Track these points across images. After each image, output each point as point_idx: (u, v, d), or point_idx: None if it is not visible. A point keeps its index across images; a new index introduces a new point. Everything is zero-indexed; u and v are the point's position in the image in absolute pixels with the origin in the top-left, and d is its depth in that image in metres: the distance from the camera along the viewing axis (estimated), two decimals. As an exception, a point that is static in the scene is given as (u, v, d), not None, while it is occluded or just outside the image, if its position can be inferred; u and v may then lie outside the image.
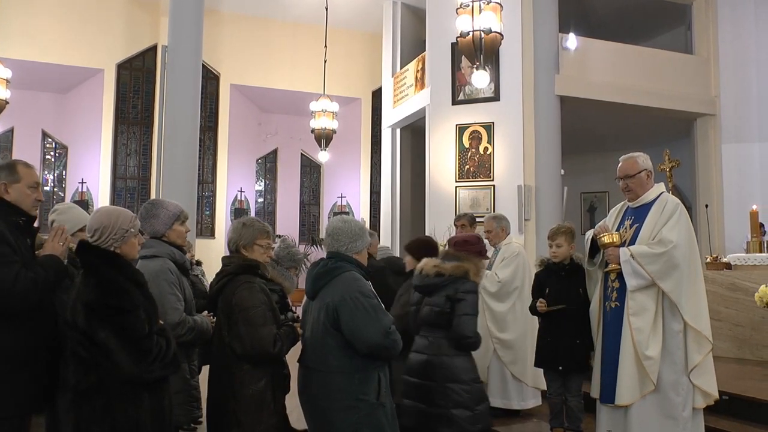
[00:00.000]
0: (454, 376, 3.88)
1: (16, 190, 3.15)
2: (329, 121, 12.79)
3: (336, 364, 3.33)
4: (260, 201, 16.16)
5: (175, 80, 10.81)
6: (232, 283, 3.43)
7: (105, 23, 14.03)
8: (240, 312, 3.31)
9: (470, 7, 7.73)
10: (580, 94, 11.27)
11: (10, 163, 3.25)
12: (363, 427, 3.28)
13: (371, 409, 3.31)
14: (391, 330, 3.34)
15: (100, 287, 2.82)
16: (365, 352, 3.30)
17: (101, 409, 2.78)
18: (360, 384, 3.31)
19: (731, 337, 7.36)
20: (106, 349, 2.76)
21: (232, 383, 3.33)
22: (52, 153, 14.57)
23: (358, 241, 3.52)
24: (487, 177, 10.96)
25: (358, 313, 3.28)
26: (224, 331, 3.39)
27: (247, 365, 3.32)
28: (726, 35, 12.49)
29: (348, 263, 3.47)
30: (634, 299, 4.08)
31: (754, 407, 5.21)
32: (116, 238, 2.99)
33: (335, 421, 3.31)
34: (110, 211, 3.09)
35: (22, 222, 3.15)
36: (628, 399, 4.01)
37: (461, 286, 3.95)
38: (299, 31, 15.16)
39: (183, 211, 3.93)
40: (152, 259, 3.70)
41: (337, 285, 3.39)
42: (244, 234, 3.58)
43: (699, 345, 4.01)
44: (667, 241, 4.02)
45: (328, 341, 3.35)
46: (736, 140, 12.26)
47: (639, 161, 4.33)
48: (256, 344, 3.27)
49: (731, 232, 11.67)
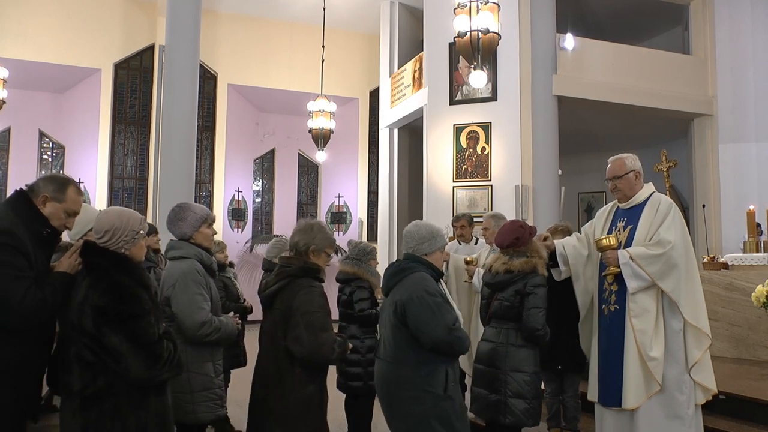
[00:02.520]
0: (518, 366, 4.06)
1: (54, 208, 3.03)
2: (327, 121, 12.78)
3: (404, 357, 3.52)
4: (258, 201, 16.16)
5: (172, 80, 10.81)
6: (293, 285, 3.42)
7: (102, 23, 14.02)
8: (301, 316, 3.31)
9: (468, 8, 7.72)
10: (577, 95, 11.30)
11: (63, 181, 3.11)
12: (430, 417, 3.44)
13: (438, 401, 3.45)
14: (454, 327, 3.49)
15: (112, 292, 2.78)
16: (430, 346, 3.45)
17: (110, 412, 2.76)
18: (427, 377, 3.47)
19: (728, 337, 7.37)
20: (116, 353, 2.74)
21: (282, 385, 3.33)
22: (49, 153, 14.56)
23: (425, 243, 3.69)
24: (485, 177, 10.97)
25: (422, 311, 3.45)
26: (279, 333, 3.37)
27: (299, 368, 3.33)
28: (723, 36, 12.53)
29: (419, 264, 3.67)
30: (635, 301, 4.07)
31: (751, 407, 5.22)
32: (126, 239, 2.94)
33: (405, 410, 3.50)
34: (120, 212, 3.04)
35: (46, 234, 3.03)
36: (634, 402, 3.98)
37: (531, 280, 4.13)
38: (297, 31, 15.17)
39: (210, 214, 4.00)
40: (181, 261, 3.76)
41: (406, 284, 3.58)
42: (319, 239, 3.56)
43: (698, 341, 4.02)
44: (665, 242, 4.02)
45: (397, 336, 3.55)
46: (732, 140, 12.30)
47: (627, 162, 4.32)
48: (316, 349, 3.29)
49: (728, 232, 11.70)
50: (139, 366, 2.76)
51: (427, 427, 3.43)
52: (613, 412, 4.14)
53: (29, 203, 3.00)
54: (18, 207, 2.98)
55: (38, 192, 3.02)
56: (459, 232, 6.78)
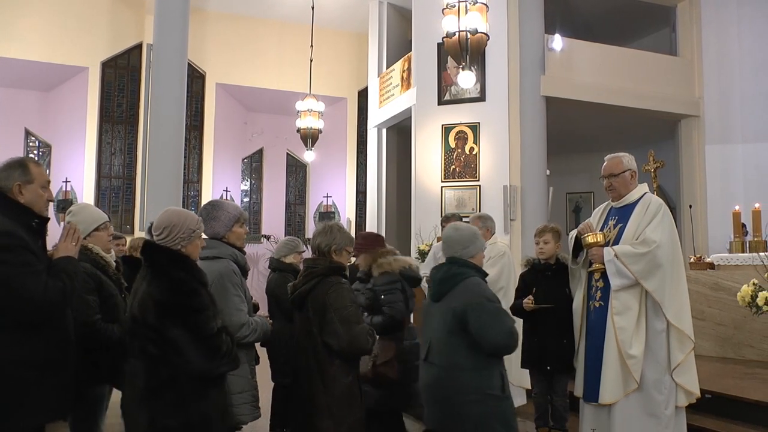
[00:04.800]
0: None
1: (30, 191, 3.07)
2: (315, 120, 12.76)
3: (464, 362, 3.60)
4: (246, 201, 16.10)
5: (160, 79, 10.76)
6: (323, 283, 3.60)
7: (90, 21, 13.90)
8: (335, 311, 3.51)
9: (456, 8, 7.74)
10: (565, 95, 11.33)
11: (21, 162, 3.14)
12: (492, 419, 3.56)
13: (498, 402, 3.58)
14: (513, 331, 3.62)
15: (172, 288, 2.95)
16: (490, 351, 3.58)
17: (173, 403, 2.90)
18: (486, 379, 3.59)
19: (714, 336, 7.42)
20: (178, 346, 2.89)
21: (323, 378, 3.51)
22: (36, 152, 14.42)
23: (470, 247, 3.80)
24: (473, 177, 10.98)
25: (484, 318, 3.56)
26: (315, 329, 3.55)
27: (338, 360, 3.52)
28: (710, 37, 12.60)
29: (468, 268, 3.75)
30: (618, 299, 4.12)
31: (737, 406, 5.25)
32: (183, 237, 3.11)
33: (467, 414, 3.57)
34: (178, 211, 3.23)
35: (36, 224, 3.08)
36: (611, 398, 4.05)
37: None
38: (285, 30, 15.13)
39: (243, 213, 4.03)
40: (215, 261, 3.75)
41: (462, 290, 3.67)
42: (339, 239, 3.75)
43: (681, 344, 4.06)
44: (650, 241, 4.05)
45: (455, 341, 3.63)
46: (719, 141, 12.38)
47: (624, 161, 4.37)
48: (352, 341, 3.49)
49: (714, 232, 11.77)
50: (200, 358, 2.93)
51: (489, 428, 3.55)
52: (592, 407, 4.21)
53: (9, 200, 3.03)
54: (3, 206, 3.01)
55: (8, 185, 3.05)
56: (448, 231, 6.79)
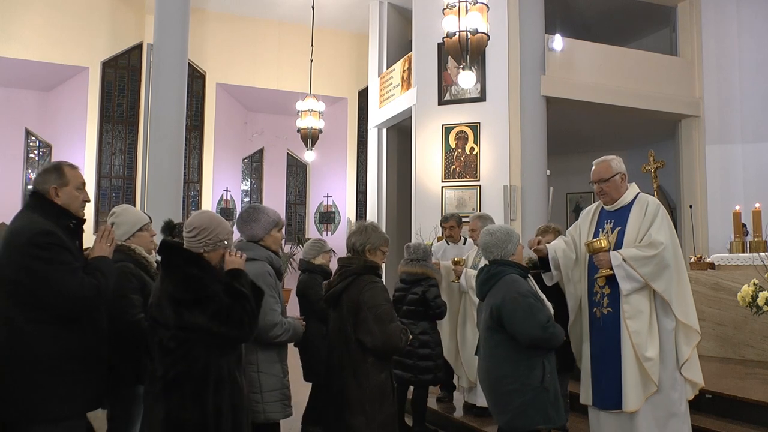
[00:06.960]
0: None
1: (66, 193, 3.21)
2: (315, 120, 12.76)
3: (503, 355, 3.80)
4: (246, 200, 16.09)
5: (160, 79, 10.76)
6: (357, 282, 3.69)
7: (90, 21, 13.91)
8: (369, 309, 3.60)
9: (457, 8, 7.73)
10: (565, 95, 11.34)
11: (56, 166, 3.29)
12: (529, 408, 3.70)
13: (535, 393, 3.71)
14: (548, 324, 3.74)
15: (182, 281, 3.01)
16: (527, 344, 3.71)
17: (190, 396, 2.97)
18: (525, 370, 3.73)
19: (714, 336, 7.41)
20: (204, 329, 2.96)
21: (357, 375, 3.61)
22: (36, 151, 14.42)
23: (508, 246, 3.94)
24: (473, 177, 10.99)
25: (517, 312, 3.71)
26: (349, 327, 3.65)
27: (372, 357, 3.61)
28: (710, 37, 12.59)
29: (507, 266, 3.92)
30: (629, 303, 4.04)
31: (736, 405, 5.25)
32: (209, 242, 3.15)
33: (507, 402, 3.77)
34: (214, 216, 3.28)
35: (73, 225, 3.23)
36: (635, 404, 3.94)
37: None
38: (285, 30, 15.13)
39: (281, 218, 4.11)
40: (251, 262, 3.76)
41: (498, 288, 3.85)
42: (373, 238, 3.83)
43: (688, 338, 4.04)
44: (657, 243, 4.01)
45: (495, 336, 3.83)
46: (719, 141, 12.37)
47: (613, 164, 4.29)
48: (386, 339, 3.59)
49: (715, 232, 11.77)
50: (229, 330, 3.00)
51: (526, 417, 3.71)
52: (612, 415, 4.09)
53: (47, 201, 3.18)
54: (42, 208, 3.16)
55: (46, 188, 3.19)
56: (448, 232, 6.80)
